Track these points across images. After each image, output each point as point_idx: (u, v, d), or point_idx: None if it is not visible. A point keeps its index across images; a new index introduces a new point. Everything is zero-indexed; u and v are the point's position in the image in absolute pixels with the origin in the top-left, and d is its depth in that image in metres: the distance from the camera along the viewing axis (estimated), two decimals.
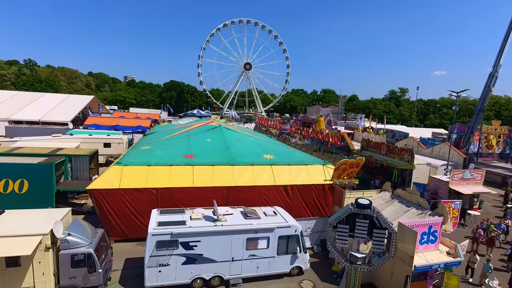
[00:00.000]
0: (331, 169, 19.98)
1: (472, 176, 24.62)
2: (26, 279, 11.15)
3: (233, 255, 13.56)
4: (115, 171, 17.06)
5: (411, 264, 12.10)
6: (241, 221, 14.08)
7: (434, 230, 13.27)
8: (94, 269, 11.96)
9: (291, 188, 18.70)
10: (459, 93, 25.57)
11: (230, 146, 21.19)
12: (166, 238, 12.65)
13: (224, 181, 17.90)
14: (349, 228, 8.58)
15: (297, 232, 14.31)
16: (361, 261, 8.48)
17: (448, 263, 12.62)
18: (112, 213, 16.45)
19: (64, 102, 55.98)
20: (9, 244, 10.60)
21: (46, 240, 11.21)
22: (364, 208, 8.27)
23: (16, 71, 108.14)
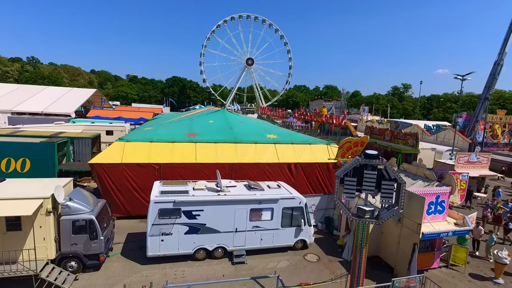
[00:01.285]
0: (335, 148, 19.73)
1: (478, 160, 24.27)
2: (26, 243, 10.98)
3: (237, 226, 13.35)
4: (117, 147, 16.90)
5: (418, 231, 11.85)
6: (244, 192, 13.87)
7: (441, 200, 13.01)
8: (95, 236, 11.78)
9: (294, 166, 18.46)
10: (464, 76, 25.21)
11: (233, 126, 21.01)
12: (168, 206, 12.46)
13: (227, 158, 17.69)
14: (357, 181, 8.31)
15: (301, 204, 14.08)
16: (369, 214, 8.23)
17: (456, 231, 12.36)
18: (114, 189, 16.29)
19: (67, 95, 55.96)
20: (10, 206, 10.45)
21: (47, 204, 11.05)
22: (372, 158, 8.03)
23: (19, 68, 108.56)
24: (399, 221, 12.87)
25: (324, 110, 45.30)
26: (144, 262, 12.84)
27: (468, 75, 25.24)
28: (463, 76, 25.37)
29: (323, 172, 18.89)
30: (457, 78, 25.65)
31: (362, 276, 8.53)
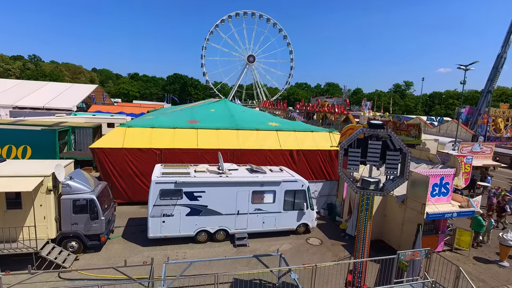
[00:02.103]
0: (338, 135, 19.58)
1: (481, 150, 24.06)
2: (27, 222, 10.88)
3: (239, 208, 13.23)
4: (118, 132, 16.82)
5: (423, 211, 11.71)
6: (246, 174, 13.75)
7: (446, 182, 12.85)
8: (96, 216, 11.68)
9: (296, 153, 18.32)
10: (467, 66, 25.01)
11: (234, 114, 20.89)
12: (170, 187, 12.35)
13: (228, 144, 17.57)
14: (361, 152, 8.17)
15: (304, 188, 13.94)
16: (374, 185, 8.09)
17: (461, 212, 12.20)
18: (116, 174, 16.20)
19: (68, 90, 55.98)
20: (10, 183, 10.36)
21: (47, 182, 10.95)
22: (377, 128, 7.89)
23: (20, 66, 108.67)
24: (403, 203, 12.73)
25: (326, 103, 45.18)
26: (145, 244, 12.74)
27: (471, 65, 25.06)
28: (466, 66, 25.17)
29: (325, 159, 18.74)
30: (461, 68, 25.45)
31: (366, 250, 8.40)
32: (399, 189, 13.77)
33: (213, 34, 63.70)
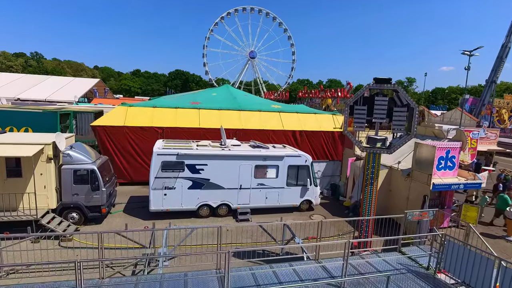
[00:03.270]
0: (341, 118, 19.37)
1: (486, 135, 23.77)
2: (27, 191, 10.74)
3: (241, 182, 13.05)
4: (120, 111, 16.69)
5: (429, 182, 11.50)
6: (249, 149, 13.58)
7: (452, 156, 12.62)
8: (97, 186, 11.54)
9: (299, 134, 18.12)
10: (472, 52, 24.75)
11: (237, 96, 20.74)
12: (172, 159, 12.19)
13: (231, 124, 17.39)
14: (367, 109, 7.98)
15: (307, 163, 13.75)
16: (381, 143, 7.90)
17: (468, 183, 11.98)
18: (117, 152, 16.06)
19: (70, 84, 56.03)
20: (11, 149, 10.25)
21: (48, 150, 10.81)
22: (384, 82, 7.69)
23: (23, 63, 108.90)
24: (408, 176, 12.52)
25: (329, 100, 44.92)
26: (146, 218, 12.59)
27: (476, 50, 24.81)
28: (471, 51, 24.92)
29: (329, 140, 18.53)
30: (465, 53, 25.20)
31: (372, 211, 8.21)
32: (404, 164, 13.62)
33: (218, 26, 63.32)
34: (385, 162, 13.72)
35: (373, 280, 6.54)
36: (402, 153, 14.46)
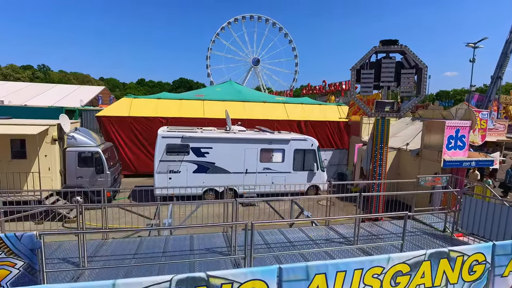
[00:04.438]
0: (346, 108, 19.21)
1: (494, 127, 23.39)
2: (31, 172, 10.66)
3: (247, 167, 12.86)
4: (124, 102, 16.71)
5: (439, 159, 11.21)
6: (254, 132, 13.44)
7: (461, 135, 12.32)
8: (101, 169, 11.43)
9: (304, 124, 17.96)
10: (476, 44, 24.64)
11: (241, 90, 20.72)
12: (176, 142, 12.07)
13: (235, 115, 17.24)
14: (374, 74, 7.83)
15: (313, 147, 13.55)
16: (389, 107, 7.71)
17: (480, 160, 11.66)
18: (122, 143, 15.99)
19: (76, 91, 56.66)
20: (16, 129, 10.24)
21: (52, 132, 10.77)
22: (390, 44, 7.56)
23: (30, 75, 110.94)
24: (417, 155, 12.24)
25: (332, 98, 44.83)
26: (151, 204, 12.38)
27: (480, 42, 24.69)
28: (475, 43, 24.81)
29: (334, 130, 18.34)
30: (469, 46, 25.10)
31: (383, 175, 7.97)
32: (412, 145, 13.35)
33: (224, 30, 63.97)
34: (393, 145, 13.48)
35: (388, 242, 6.26)
36: (410, 136, 14.22)
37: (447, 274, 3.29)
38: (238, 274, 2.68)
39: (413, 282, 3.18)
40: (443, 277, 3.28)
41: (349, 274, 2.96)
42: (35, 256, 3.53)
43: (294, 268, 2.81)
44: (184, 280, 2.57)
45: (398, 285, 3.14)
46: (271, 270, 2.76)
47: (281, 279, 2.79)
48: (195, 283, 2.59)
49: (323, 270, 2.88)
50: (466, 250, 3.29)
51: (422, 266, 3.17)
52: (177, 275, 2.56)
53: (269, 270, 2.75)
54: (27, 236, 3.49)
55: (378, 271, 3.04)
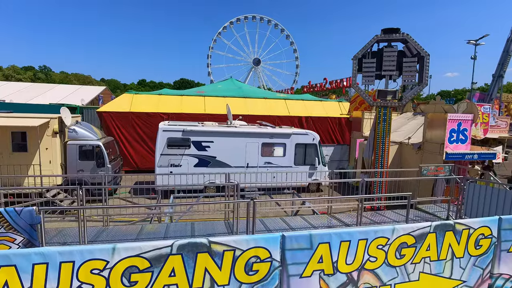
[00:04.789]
0: (347, 105, 19.17)
1: (496, 124, 23.28)
2: (32, 165, 10.64)
3: (248, 161, 12.81)
4: (125, 98, 16.71)
5: (441, 151, 11.14)
6: (255, 127, 13.41)
7: (463, 129, 12.24)
8: (102, 163, 11.40)
9: (305, 120, 17.91)
10: (477, 41, 24.58)
11: (242, 87, 20.72)
12: (177, 135, 12.04)
13: (236, 111, 17.20)
14: (376, 63, 7.79)
15: (315, 141, 13.48)
16: (391, 95, 7.67)
17: (482, 153, 11.58)
18: (123, 139, 15.96)
19: (77, 91, 56.80)
20: (18, 121, 10.24)
21: (53, 124, 10.75)
22: (392, 32, 7.52)
23: (31, 76, 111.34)
24: (419, 149, 12.17)
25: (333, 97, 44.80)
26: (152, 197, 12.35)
27: (481, 39, 24.62)
28: (477, 40, 24.75)
29: (335, 126, 18.28)
30: (471, 43, 25.05)
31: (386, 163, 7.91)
32: (414, 139, 13.29)
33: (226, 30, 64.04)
34: (394, 139, 13.43)
35: None
36: (411, 131, 14.16)
37: (453, 248, 3.24)
38: (240, 241, 2.64)
39: (419, 254, 3.13)
40: (448, 251, 3.23)
41: (353, 244, 2.91)
42: (35, 231, 3.50)
43: (298, 236, 2.77)
44: (186, 246, 2.53)
45: (403, 257, 3.10)
46: (274, 238, 2.72)
47: (284, 248, 2.74)
48: (197, 249, 2.54)
49: (327, 239, 2.84)
50: (472, 223, 3.24)
51: (428, 238, 3.12)
52: (178, 240, 2.52)
53: (272, 238, 2.71)
54: (27, 211, 3.45)
55: (383, 242, 2.99)
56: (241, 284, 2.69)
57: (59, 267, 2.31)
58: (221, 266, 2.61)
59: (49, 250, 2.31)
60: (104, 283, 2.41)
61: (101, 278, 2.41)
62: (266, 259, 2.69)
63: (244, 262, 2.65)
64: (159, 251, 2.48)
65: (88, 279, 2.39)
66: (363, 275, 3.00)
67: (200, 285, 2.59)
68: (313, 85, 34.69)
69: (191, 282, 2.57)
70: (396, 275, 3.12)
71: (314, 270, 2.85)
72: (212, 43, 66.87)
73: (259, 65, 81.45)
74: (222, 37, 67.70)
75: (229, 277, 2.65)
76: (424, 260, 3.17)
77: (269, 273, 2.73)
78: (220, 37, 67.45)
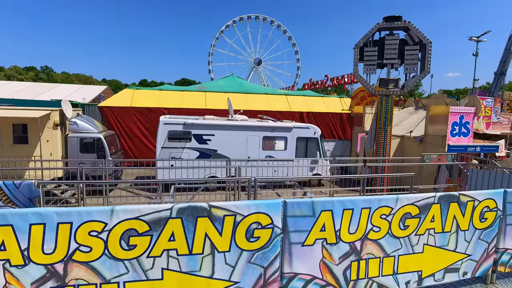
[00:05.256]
0: (348, 100, 19.12)
1: (498, 120, 23.16)
2: (33, 157, 10.63)
3: (249, 154, 12.74)
4: (126, 93, 16.71)
5: (444, 143, 11.07)
6: (256, 121, 13.37)
7: (466, 122, 12.17)
8: (103, 156, 11.37)
9: (307, 116, 17.84)
10: (479, 37, 24.51)
11: (243, 83, 20.71)
12: (178, 128, 11.99)
13: (237, 106, 17.15)
14: (378, 52, 7.74)
15: (316, 135, 13.41)
16: (393, 84, 7.62)
17: (485, 146, 11.50)
18: (123, 134, 15.93)
19: (79, 90, 56.94)
20: (19, 113, 10.24)
21: (54, 116, 10.74)
22: (394, 20, 7.48)
23: (33, 76, 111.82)
24: (421, 142, 12.10)
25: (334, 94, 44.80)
26: (153, 190, 12.32)
27: (483, 35, 24.56)
28: (478, 37, 24.68)
29: (337, 122, 18.21)
30: (472, 40, 24.99)
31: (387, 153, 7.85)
32: (416, 132, 13.22)
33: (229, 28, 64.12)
34: (396, 133, 13.36)
35: None
36: (413, 124, 14.09)
37: (458, 220, 3.18)
38: (241, 206, 2.59)
39: (423, 225, 3.08)
40: (453, 223, 3.17)
41: (356, 213, 2.86)
42: (34, 205, 3.46)
43: (300, 203, 2.72)
44: (186, 209, 2.48)
45: (407, 228, 3.04)
46: (275, 203, 2.67)
47: (286, 214, 2.69)
48: (197, 213, 2.50)
49: (329, 207, 2.79)
50: (476, 195, 3.18)
51: (432, 209, 3.06)
52: (178, 204, 2.47)
53: (273, 204, 2.66)
54: (26, 184, 3.42)
55: (386, 212, 2.94)
56: (242, 251, 2.64)
57: (57, 228, 2.27)
58: (221, 231, 2.56)
59: (47, 210, 2.27)
60: (102, 246, 2.37)
61: (99, 241, 2.37)
62: (268, 225, 2.65)
63: (245, 228, 2.60)
64: (159, 214, 2.44)
65: (86, 241, 2.35)
66: (366, 246, 2.95)
67: (200, 251, 2.55)
68: (314, 82, 34.64)
69: (191, 247, 2.52)
70: (400, 247, 3.07)
71: (317, 239, 2.79)
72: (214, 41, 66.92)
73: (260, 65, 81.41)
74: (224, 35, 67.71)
75: (229, 243, 2.60)
76: (428, 232, 3.12)
77: (271, 240, 2.68)
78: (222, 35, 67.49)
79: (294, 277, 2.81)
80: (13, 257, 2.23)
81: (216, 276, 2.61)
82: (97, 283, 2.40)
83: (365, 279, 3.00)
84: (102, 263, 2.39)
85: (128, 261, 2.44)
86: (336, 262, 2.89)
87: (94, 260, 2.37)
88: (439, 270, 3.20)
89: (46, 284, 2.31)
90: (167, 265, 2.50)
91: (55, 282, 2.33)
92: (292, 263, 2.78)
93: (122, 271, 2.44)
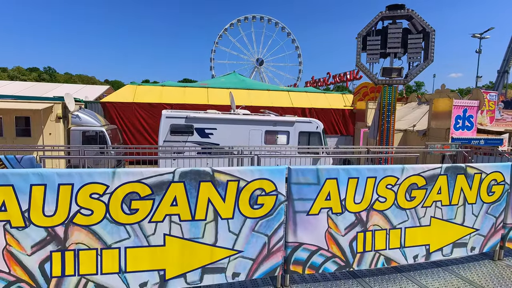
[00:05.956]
0: (351, 97, 19.06)
1: (502, 117, 23.01)
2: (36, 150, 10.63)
3: (251, 149, 12.70)
4: (129, 89, 16.73)
5: (447, 136, 10.99)
6: (259, 115, 13.34)
7: (469, 115, 12.10)
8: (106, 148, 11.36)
9: (309, 111, 17.79)
10: (482, 34, 24.39)
11: (245, 80, 20.70)
12: (180, 122, 11.97)
13: (240, 102, 17.14)
14: (381, 41, 7.69)
15: (318, 129, 13.34)
16: (397, 73, 7.56)
17: (489, 139, 11.41)
18: (126, 129, 15.94)
19: (82, 90, 57.19)
20: (22, 105, 10.26)
21: (57, 109, 10.77)
22: (397, 9, 7.43)
23: (36, 77, 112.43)
24: (424, 135, 12.03)
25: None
26: None
27: (486, 32, 24.43)
28: (481, 34, 24.57)
29: (339, 118, 18.14)
30: (475, 37, 24.87)
31: (391, 143, 7.78)
32: (419, 126, 13.15)
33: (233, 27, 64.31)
34: (399, 127, 13.30)
35: None
36: (416, 119, 14.02)
37: (465, 192, 3.12)
38: (245, 171, 2.55)
39: (429, 197, 3.02)
40: (460, 195, 3.11)
41: (361, 182, 2.81)
42: None
43: (304, 170, 2.67)
44: (188, 173, 2.44)
45: (413, 199, 2.99)
46: (279, 169, 2.62)
47: (290, 181, 2.65)
48: (200, 177, 2.46)
49: (334, 175, 2.74)
50: (484, 167, 3.12)
51: (439, 181, 3.01)
52: (181, 168, 2.44)
53: (277, 170, 2.62)
54: (27, 158, 3.39)
55: (392, 182, 2.88)
56: (245, 218, 2.59)
57: (58, 189, 2.24)
58: (224, 197, 2.52)
59: (48, 171, 2.23)
60: (104, 209, 2.33)
61: (100, 204, 2.33)
62: (272, 192, 2.60)
63: (248, 194, 2.56)
64: (161, 177, 2.40)
65: (87, 204, 2.31)
66: (372, 216, 2.90)
67: (203, 217, 2.51)
68: (316, 80, 34.56)
69: (193, 213, 2.48)
70: (407, 218, 3.01)
71: (322, 208, 2.75)
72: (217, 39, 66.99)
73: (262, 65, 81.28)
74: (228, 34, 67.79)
75: (233, 210, 2.55)
76: (435, 204, 3.06)
77: (275, 207, 2.63)
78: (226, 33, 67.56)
79: (299, 246, 2.76)
80: (14, 218, 2.20)
81: (219, 244, 2.57)
82: (98, 248, 2.36)
83: (372, 252, 2.95)
84: (103, 227, 2.35)
85: (130, 226, 2.40)
86: (342, 233, 2.84)
87: (95, 223, 2.34)
88: (447, 244, 3.14)
89: (47, 248, 2.28)
90: (169, 230, 2.46)
91: (55, 246, 2.29)
92: (297, 233, 2.73)
93: (124, 236, 2.40)
